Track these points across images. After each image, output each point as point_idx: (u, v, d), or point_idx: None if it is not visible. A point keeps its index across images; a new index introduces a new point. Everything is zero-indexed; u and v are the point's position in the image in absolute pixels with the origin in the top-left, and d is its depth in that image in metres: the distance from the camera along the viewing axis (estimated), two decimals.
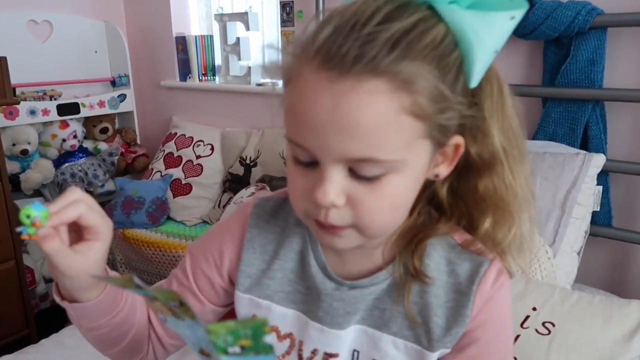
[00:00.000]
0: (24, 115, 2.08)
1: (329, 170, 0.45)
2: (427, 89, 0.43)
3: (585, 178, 1.27)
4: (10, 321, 1.80)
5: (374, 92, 0.42)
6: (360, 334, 0.56)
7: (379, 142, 0.43)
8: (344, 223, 0.47)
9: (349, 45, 0.41)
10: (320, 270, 0.56)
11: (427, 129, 0.45)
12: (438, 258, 0.54)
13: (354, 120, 0.42)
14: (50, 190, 2.20)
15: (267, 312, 0.58)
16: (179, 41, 2.41)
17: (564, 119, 1.43)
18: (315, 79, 0.43)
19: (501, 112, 0.50)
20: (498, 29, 0.44)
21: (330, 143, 0.43)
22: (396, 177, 0.45)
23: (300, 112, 0.44)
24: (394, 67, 0.41)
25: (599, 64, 1.36)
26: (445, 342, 0.53)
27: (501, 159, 0.51)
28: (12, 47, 2.11)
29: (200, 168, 2.22)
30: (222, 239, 0.61)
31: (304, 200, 0.48)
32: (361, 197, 0.45)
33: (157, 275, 1.98)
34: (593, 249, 1.41)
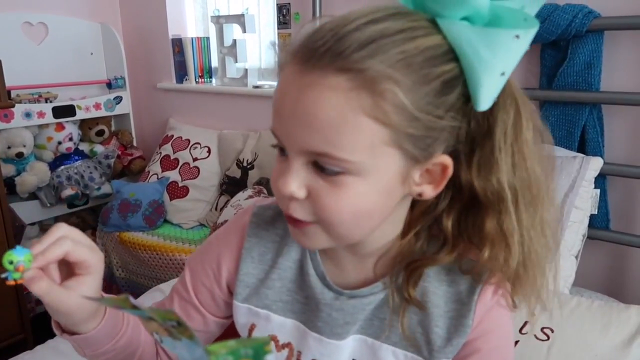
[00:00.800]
0: (19, 117, 2.07)
1: (293, 160, 0.45)
2: (393, 93, 0.41)
3: (583, 182, 1.27)
4: (6, 325, 1.78)
5: (334, 88, 0.41)
6: (360, 343, 0.55)
7: (335, 139, 0.42)
8: (306, 218, 0.47)
9: (324, 40, 0.42)
10: (319, 279, 0.55)
11: (393, 136, 0.42)
12: (437, 268, 0.53)
13: (312, 113, 0.42)
14: (46, 193, 2.19)
15: (266, 321, 0.58)
16: (175, 43, 2.40)
17: (561, 122, 1.43)
18: (290, 71, 0.44)
19: (514, 146, 0.46)
20: (501, 49, 0.41)
21: (292, 133, 0.44)
22: (357, 181, 0.44)
23: (274, 100, 0.46)
24: (358, 64, 0.41)
25: (596, 67, 1.36)
26: (446, 352, 0.52)
27: (506, 199, 0.46)
28: (7, 49, 2.10)
29: (197, 170, 2.21)
30: (220, 250, 0.61)
31: (275, 189, 0.48)
32: (321, 192, 0.45)
33: (153, 279, 1.97)
34: (591, 253, 1.41)
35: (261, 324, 0.58)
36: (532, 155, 0.47)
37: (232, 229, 0.61)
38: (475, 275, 0.52)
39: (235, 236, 0.60)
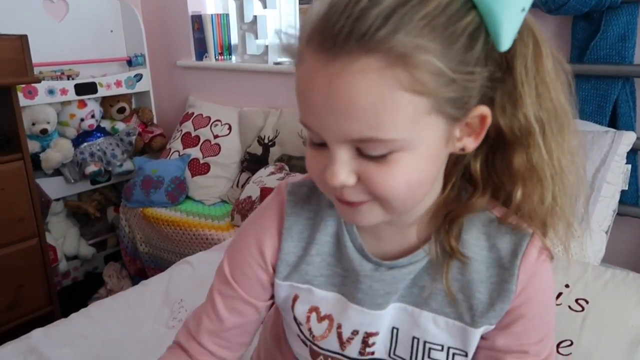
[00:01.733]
0: (43, 94, 2.08)
1: (336, 150, 0.44)
2: (427, 62, 0.40)
3: (615, 156, 1.25)
4: (35, 298, 1.83)
5: (366, 70, 0.40)
6: (400, 311, 0.55)
7: (377, 122, 0.41)
8: (362, 199, 0.46)
9: (342, 23, 0.40)
10: (357, 251, 0.55)
11: (433, 104, 0.42)
12: (477, 233, 0.52)
13: (347, 101, 0.41)
14: (70, 170, 2.21)
15: (308, 294, 0.58)
16: (195, 20, 2.38)
17: (592, 97, 1.40)
18: (313, 61, 0.42)
19: (537, 77, 0.46)
20: (512, 23, 0.41)
21: (329, 124, 0.43)
22: (406, 155, 0.43)
23: (301, 94, 0.45)
24: (386, 42, 0.39)
25: (631, 39, 1.33)
26: (490, 317, 0.52)
27: (534, 133, 0.46)
28: (29, 26, 2.09)
29: (218, 148, 2.22)
30: (259, 235, 0.59)
31: (320, 180, 0.47)
32: (372, 175, 0.44)
33: (176, 253, 1.99)
34: (620, 228, 1.40)
35: (303, 296, 0.58)
36: (555, 84, 0.47)
37: (268, 212, 0.60)
38: (516, 237, 0.51)
39: (273, 218, 0.59)
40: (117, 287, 2.14)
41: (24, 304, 1.80)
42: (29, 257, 1.78)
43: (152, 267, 2.12)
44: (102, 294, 2.14)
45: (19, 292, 1.78)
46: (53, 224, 2.21)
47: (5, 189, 1.69)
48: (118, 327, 1.10)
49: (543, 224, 0.51)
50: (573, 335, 0.87)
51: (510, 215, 0.52)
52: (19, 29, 2.03)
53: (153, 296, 1.21)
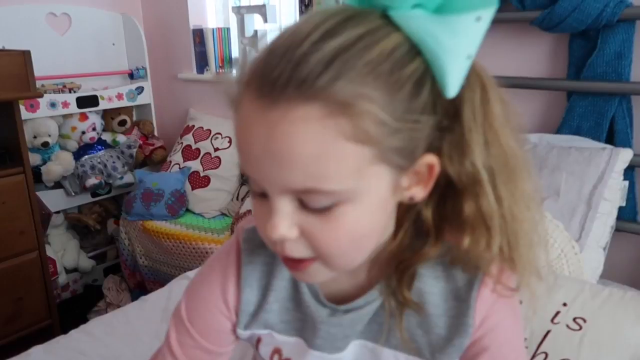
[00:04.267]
0: (45, 107, 2.10)
1: (277, 202, 0.42)
2: (370, 111, 0.38)
3: (612, 173, 1.26)
4: (34, 311, 1.83)
5: (306, 119, 0.37)
6: (361, 349, 0.54)
7: (319, 172, 0.39)
8: (304, 255, 0.44)
9: (281, 68, 0.38)
10: (312, 297, 0.53)
11: (378, 153, 0.40)
12: (433, 264, 0.50)
13: (286, 150, 0.38)
14: (71, 182, 2.22)
15: (270, 337, 0.57)
16: (196, 33, 2.40)
17: (589, 113, 1.41)
18: (251, 109, 0.40)
19: (485, 124, 0.44)
20: (464, 33, 0.39)
21: (269, 174, 0.40)
22: (350, 208, 0.41)
23: (239, 143, 0.42)
24: (327, 89, 0.37)
25: (627, 57, 1.34)
26: (449, 353, 0.51)
27: (483, 181, 0.44)
28: (32, 40, 2.12)
29: (218, 160, 2.23)
30: (223, 285, 0.57)
31: (264, 233, 0.45)
32: (314, 229, 0.42)
33: (176, 267, 2.00)
34: (618, 244, 1.40)
35: (266, 339, 0.57)
36: (504, 129, 0.44)
37: (228, 259, 0.57)
38: (470, 268, 0.49)
39: (233, 266, 0.57)
40: (117, 300, 2.13)
41: (23, 317, 1.80)
42: (28, 270, 1.78)
43: (152, 281, 2.12)
44: (102, 307, 2.13)
45: (18, 305, 1.78)
46: (53, 236, 2.22)
47: (6, 202, 1.70)
48: (117, 343, 1.10)
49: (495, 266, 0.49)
50: (571, 354, 0.87)
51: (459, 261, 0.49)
52: (22, 42, 2.06)
53: (153, 312, 1.21)
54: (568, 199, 1.25)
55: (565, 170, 1.29)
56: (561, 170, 1.29)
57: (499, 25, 1.55)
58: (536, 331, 0.92)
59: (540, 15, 1.38)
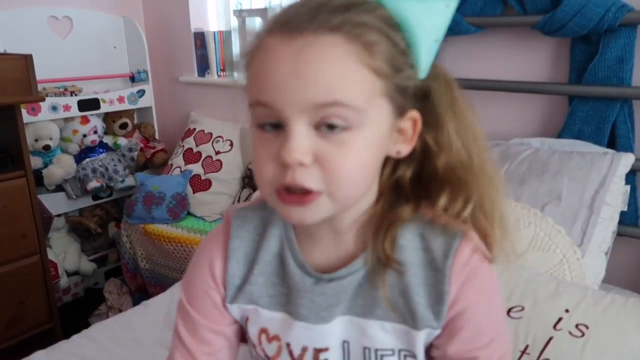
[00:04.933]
0: (46, 111, 2.10)
1: (295, 126, 0.45)
2: (382, 47, 0.46)
3: (614, 178, 1.26)
4: (35, 314, 1.83)
5: (333, 44, 0.45)
6: (347, 324, 0.56)
7: (340, 87, 0.45)
8: (313, 185, 0.46)
9: (305, 10, 0.46)
10: (298, 267, 0.56)
11: (385, 87, 0.47)
12: (412, 236, 0.54)
13: (317, 67, 0.44)
14: (72, 186, 2.22)
15: (256, 315, 0.59)
16: (198, 37, 2.41)
17: (591, 118, 1.41)
18: (274, 42, 0.46)
19: (454, 109, 0.53)
20: (435, 17, 0.49)
21: (294, 93, 0.45)
22: (358, 135, 0.46)
23: (264, 72, 0.47)
24: (349, 23, 0.45)
25: (629, 61, 1.34)
26: (430, 320, 0.53)
27: (454, 143, 0.53)
28: (34, 43, 2.13)
29: (219, 164, 2.23)
30: (210, 260, 0.60)
31: (269, 167, 0.47)
32: (328, 154, 0.46)
33: (177, 270, 2.00)
34: (619, 249, 1.40)
35: (252, 317, 0.59)
36: (467, 113, 0.54)
37: (215, 237, 0.61)
38: (448, 237, 0.53)
39: (220, 241, 0.60)
40: (118, 304, 2.13)
41: (25, 321, 1.80)
42: (30, 273, 1.78)
43: (153, 284, 2.12)
44: (103, 311, 2.14)
45: (20, 309, 1.78)
46: (54, 239, 2.22)
47: (7, 205, 1.70)
48: (119, 349, 1.11)
49: (483, 232, 0.54)
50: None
51: (440, 216, 0.54)
52: (24, 45, 2.06)
53: (155, 317, 1.22)
54: (570, 203, 1.25)
55: (567, 174, 1.29)
56: (563, 174, 1.29)
57: (500, 30, 1.55)
58: (538, 338, 0.92)
59: (541, 19, 1.38)
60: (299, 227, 0.57)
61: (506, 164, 1.39)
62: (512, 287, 1.00)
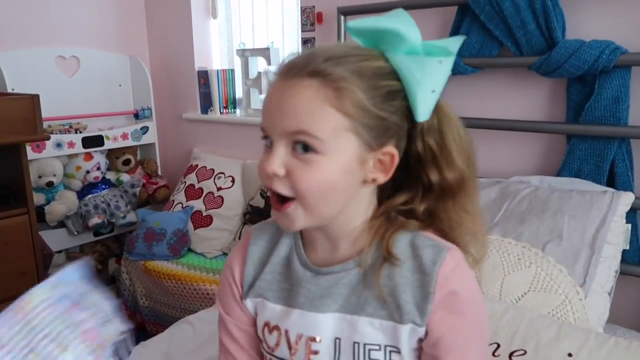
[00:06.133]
0: (51, 148, 2.13)
1: (276, 145, 0.58)
2: (351, 91, 0.56)
3: (614, 217, 1.26)
4: None
5: (308, 86, 0.56)
6: (340, 321, 0.63)
7: (307, 120, 0.56)
8: (285, 192, 0.58)
9: (298, 61, 0.58)
10: (301, 265, 0.67)
11: (351, 125, 0.57)
12: (404, 246, 0.63)
13: (292, 104, 0.57)
14: (74, 222, 2.23)
15: (262, 308, 0.68)
16: (201, 75, 2.46)
17: (590, 156, 1.42)
18: (274, 84, 0.60)
19: (459, 144, 0.62)
20: (430, 71, 0.57)
21: (277, 122, 0.58)
22: (323, 159, 0.57)
23: (263, 106, 0.61)
24: (325, 70, 0.56)
25: (624, 101, 1.36)
26: (413, 315, 0.60)
27: (467, 179, 0.63)
28: (41, 82, 2.18)
29: (221, 200, 2.24)
30: (231, 265, 0.72)
31: (263, 175, 0.60)
32: (296, 169, 0.57)
33: (177, 308, 1.98)
34: (623, 288, 1.39)
35: (260, 310, 0.69)
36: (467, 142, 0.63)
37: (238, 248, 0.73)
38: (437, 249, 0.61)
39: (241, 249, 0.72)
40: None
41: None
42: None
43: (152, 322, 2.09)
44: None
45: None
46: None
47: (9, 243, 1.71)
48: None
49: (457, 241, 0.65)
50: None
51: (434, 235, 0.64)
52: (31, 84, 2.11)
53: (153, 359, 1.20)
54: (571, 242, 1.25)
55: (568, 213, 1.29)
56: (563, 213, 1.29)
57: (498, 70, 1.59)
58: None
59: (537, 60, 1.41)
60: (304, 235, 0.68)
61: (506, 202, 1.39)
62: (514, 330, 0.98)
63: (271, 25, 2.36)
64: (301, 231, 0.67)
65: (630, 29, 1.35)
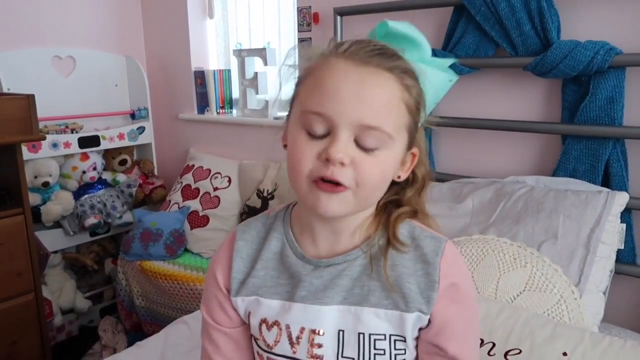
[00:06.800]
0: (47, 148, 2.12)
1: (343, 134, 0.57)
2: (415, 92, 0.60)
3: (609, 216, 1.26)
4: (28, 355, 1.79)
5: (389, 79, 0.58)
6: (344, 313, 0.63)
7: (385, 116, 0.57)
8: (346, 181, 0.57)
9: (372, 46, 0.59)
10: (298, 259, 0.66)
11: (409, 123, 0.60)
12: (404, 238, 0.65)
13: (374, 94, 0.56)
14: (70, 222, 2.22)
15: (257, 305, 0.66)
16: (198, 75, 2.46)
17: (585, 156, 1.43)
18: (343, 63, 0.58)
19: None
20: (439, 85, 0.65)
21: (351, 109, 0.56)
22: (386, 153, 0.59)
23: (328, 85, 0.57)
24: (399, 69, 0.59)
25: (619, 102, 1.37)
26: (420, 303, 0.61)
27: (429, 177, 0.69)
28: (37, 82, 2.17)
29: (217, 200, 2.24)
30: (213, 267, 0.70)
31: (311, 163, 0.58)
32: (362, 161, 0.57)
33: (173, 308, 1.97)
34: (618, 288, 1.40)
35: (254, 309, 0.66)
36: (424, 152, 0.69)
37: (221, 247, 0.71)
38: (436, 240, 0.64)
39: (225, 248, 0.70)
40: (112, 343, 2.10)
41: None
42: (24, 312, 1.76)
43: (149, 322, 2.09)
44: (97, 350, 2.10)
45: (13, 349, 1.75)
46: (50, 276, 2.20)
47: (4, 243, 1.70)
48: None
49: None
50: None
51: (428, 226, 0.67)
52: (27, 84, 2.10)
53: (148, 359, 1.19)
54: (566, 242, 1.25)
55: (563, 213, 1.29)
56: (558, 213, 1.30)
57: (493, 71, 1.59)
58: None
59: (533, 61, 1.42)
60: (297, 228, 0.67)
61: (502, 202, 1.40)
62: (509, 329, 0.99)
63: (267, 26, 2.36)
64: (291, 225, 0.67)
65: (624, 30, 1.35)
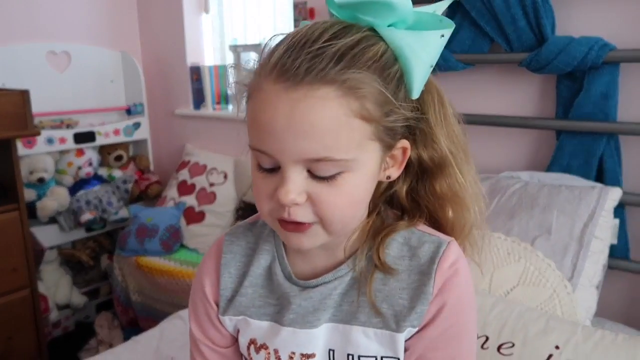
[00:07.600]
0: (42, 143, 2.12)
1: (289, 171, 0.49)
2: (373, 94, 0.48)
3: (603, 212, 1.27)
4: (24, 350, 1.80)
5: (326, 98, 0.47)
6: (333, 331, 0.58)
7: (332, 143, 0.48)
8: (307, 219, 0.51)
9: (301, 59, 0.47)
10: (286, 279, 0.60)
11: (375, 131, 0.50)
12: (399, 246, 0.58)
13: (309, 123, 0.47)
14: (65, 218, 2.22)
15: (245, 325, 0.61)
16: (194, 71, 2.45)
17: (579, 152, 1.44)
18: (273, 90, 0.48)
19: (444, 120, 0.58)
20: (431, 46, 0.51)
21: (289, 145, 0.48)
22: (351, 176, 0.50)
23: (261, 120, 0.49)
24: (341, 76, 0.47)
25: (613, 97, 1.37)
26: (412, 320, 0.55)
27: (450, 161, 0.58)
28: (32, 78, 2.16)
29: (213, 196, 2.24)
30: (201, 279, 0.64)
31: (268, 202, 0.52)
32: (320, 194, 0.50)
33: (169, 304, 1.98)
34: (611, 283, 1.41)
35: (242, 328, 0.62)
36: (455, 122, 0.59)
37: (207, 257, 0.65)
38: (434, 245, 0.57)
39: (212, 260, 0.64)
40: (108, 338, 2.10)
41: (13, 357, 1.77)
42: (19, 308, 1.76)
43: (145, 317, 2.09)
44: (93, 345, 2.10)
45: (8, 345, 1.75)
46: (46, 272, 2.20)
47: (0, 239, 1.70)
48: None
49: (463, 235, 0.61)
50: None
51: (432, 230, 0.59)
52: (22, 79, 2.09)
53: (144, 354, 1.20)
54: (559, 237, 1.26)
55: (557, 208, 1.30)
56: (552, 208, 1.30)
57: (489, 66, 1.59)
58: None
59: (527, 57, 1.42)
60: None
61: (496, 197, 1.40)
62: (502, 323, 1.00)
63: (263, 21, 2.36)
64: None
65: (618, 26, 1.36)
